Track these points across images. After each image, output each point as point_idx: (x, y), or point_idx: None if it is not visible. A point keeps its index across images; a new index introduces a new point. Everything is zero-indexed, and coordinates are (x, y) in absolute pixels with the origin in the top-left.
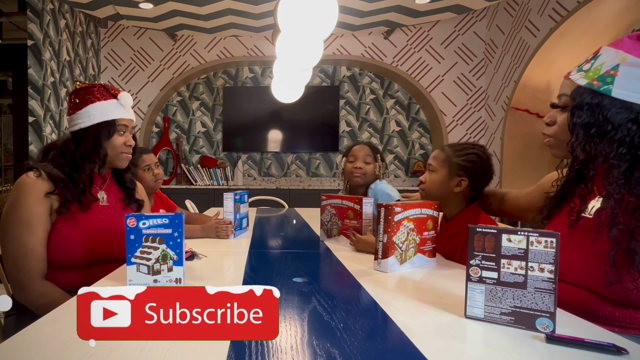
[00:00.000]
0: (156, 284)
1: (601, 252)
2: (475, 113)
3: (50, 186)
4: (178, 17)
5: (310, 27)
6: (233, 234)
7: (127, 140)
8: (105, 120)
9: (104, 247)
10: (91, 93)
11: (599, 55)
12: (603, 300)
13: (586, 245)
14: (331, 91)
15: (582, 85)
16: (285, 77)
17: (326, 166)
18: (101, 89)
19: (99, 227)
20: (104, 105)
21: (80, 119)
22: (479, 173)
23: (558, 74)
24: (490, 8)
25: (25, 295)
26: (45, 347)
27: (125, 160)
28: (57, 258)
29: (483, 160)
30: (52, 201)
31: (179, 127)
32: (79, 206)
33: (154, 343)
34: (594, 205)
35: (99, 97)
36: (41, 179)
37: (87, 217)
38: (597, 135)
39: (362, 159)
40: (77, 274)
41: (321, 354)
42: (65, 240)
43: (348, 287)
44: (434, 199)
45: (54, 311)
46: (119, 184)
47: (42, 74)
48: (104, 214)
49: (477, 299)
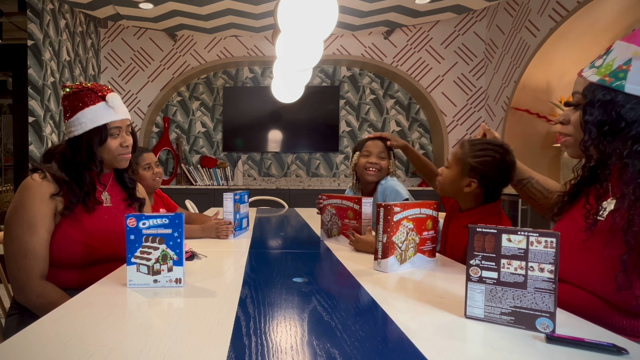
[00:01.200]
0: (156, 284)
1: (613, 257)
2: (475, 113)
3: (55, 188)
4: (178, 17)
5: (310, 27)
6: (233, 234)
7: (122, 141)
8: (96, 126)
9: (106, 247)
10: (80, 98)
11: (611, 50)
12: (611, 308)
13: (598, 249)
14: (331, 91)
15: (593, 82)
16: (285, 77)
17: (326, 166)
18: (89, 92)
19: (102, 228)
20: (93, 110)
21: (73, 127)
22: (489, 177)
23: (558, 73)
24: (490, 8)
25: (23, 296)
26: (45, 347)
27: (124, 161)
28: (60, 257)
29: (498, 164)
30: (57, 203)
31: (179, 127)
32: (84, 208)
33: (154, 343)
34: (606, 207)
35: (87, 102)
36: (46, 180)
37: (90, 218)
38: (610, 133)
39: (377, 155)
40: (78, 273)
41: (321, 354)
42: (68, 239)
43: (348, 287)
44: (446, 195)
45: (54, 311)
46: (120, 184)
47: (42, 74)
48: (108, 214)
49: (477, 299)
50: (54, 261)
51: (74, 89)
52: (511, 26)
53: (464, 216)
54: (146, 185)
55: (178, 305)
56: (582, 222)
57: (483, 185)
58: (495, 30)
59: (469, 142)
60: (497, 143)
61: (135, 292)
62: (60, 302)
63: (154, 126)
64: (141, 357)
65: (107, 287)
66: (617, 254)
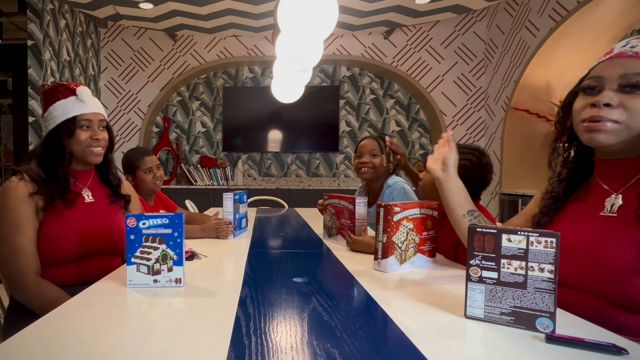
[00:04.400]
0: (156, 284)
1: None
2: (475, 113)
3: (33, 187)
4: (178, 17)
5: (310, 27)
6: (233, 234)
7: (93, 134)
8: (66, 118)
9: (92, 242)
10: (54, 94)
11: None
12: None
13: (613, 245)
14: (331, 91)
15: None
16: (285, 77)
17: (326, 166)
18: (62, 87)
19: (86, 223)
20: (63, 104)
21: (46, 122)
22: (468, 180)
23: (558, 73)
24: (490, 8)
25: (21, 295)
26: (45, 347)
27: (94, 155)
28: (48, 255)
29: (475, 168)
30: (37, 200)
31: (179, 127)
32: (64, 203)
33: (154, 343)
34: (613, 203)
35: (59, 97)
36: (23, 181)
37: (73, 213)
38: None
39: (368, 153)
40: (70, 269)
41: (321, 354)
42: (54, 237)
43: (348, 287)
44: (428, 199)
45: (54, 311)
46: (103, 181)
47: (42, 74)
48: (90, 210)
49: (477, 299)
50: (44, 260)
51: (51, 87)
52: (511, 26)
53: (448, 221)
54: (146, 188)
55: (178, 305)
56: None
57: None
58: (495, 30)
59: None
60: (473, 147)
61: (135, 292)
62: (59, 301)
63: (154, 126)
64: (141, 357)
65: (107, 287)
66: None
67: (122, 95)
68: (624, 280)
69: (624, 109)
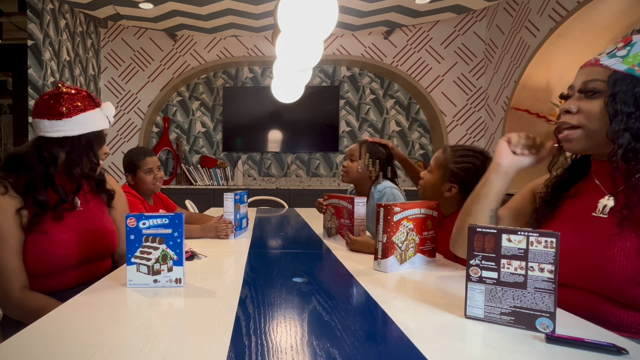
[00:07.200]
0: (156, 284)
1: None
2: (475, 113)
3: (19, 201)
4: (178, 17)
5: (310, 27)
6: (233, 234)
7: (105, 149)
8: (97, 130)
9: (83, 252)
10: (78, 100)
11: (634, 43)
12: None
13: (600, 247)
14: (331, 91)
15: (620, 70)
16: (285, 77)
17: (326, 166)
18: (86, 95)
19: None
20: (94, 114)
21: (69, 127)
22: (469, 183)
23: (558, 73)
24: (490, 8)
25: (7, 311)
26: (45, 347)
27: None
28: (36, 268)
29: (478, 171)
30: (22, 217)
31: (179, 127)
32: (53, 216)
33: (154, 343)
34: (605, 204)
35: (87, 106)
36: (8, 196)
37: (61, 228)
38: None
39: (348, 157)
40: (59, 278)
41: (321, 354)
42: (41, 252)
43: (348, 287)
44: (427, 199)
45: (54, 311)
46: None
47: (42, 74)
48: (75, 218)
49: (477, 299)
50: (31, 272)
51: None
52: (511, 26)
53: (448, 222)
54: (145, 189)
55: (178, 305)
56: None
57: (463, 191)
58: (495, 30)
59: (451, 148)
60: (478, 150)
61: (135, 292)
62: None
63: (154, 126)
64: (141, 357)
65: (107, 287)
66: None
67: (122, 95)
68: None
69: (582, 113)
